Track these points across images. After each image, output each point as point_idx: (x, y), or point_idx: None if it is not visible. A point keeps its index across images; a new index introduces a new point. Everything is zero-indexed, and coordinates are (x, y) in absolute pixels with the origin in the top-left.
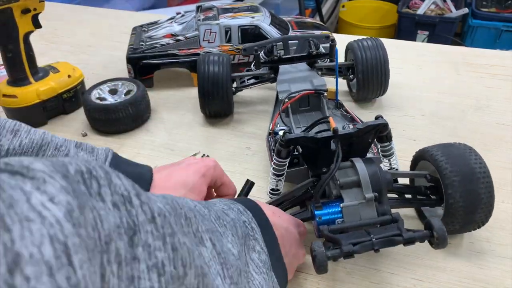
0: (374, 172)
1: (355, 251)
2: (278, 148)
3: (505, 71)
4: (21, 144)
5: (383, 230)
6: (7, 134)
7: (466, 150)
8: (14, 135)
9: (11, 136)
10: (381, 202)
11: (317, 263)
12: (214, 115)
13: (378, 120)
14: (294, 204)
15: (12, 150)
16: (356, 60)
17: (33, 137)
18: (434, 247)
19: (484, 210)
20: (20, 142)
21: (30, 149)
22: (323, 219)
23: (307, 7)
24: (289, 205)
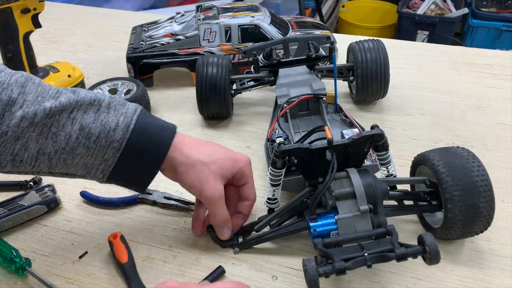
0: (369, 184)
1: (347, 268)
2: (273, 159)
3: (505, 71)
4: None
5: (376, 245)
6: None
7: (469, 159)
8: None
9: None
10: (376, 213)
11: (308, 279)
12: (212, 117)
13: (374, 130)
14: (292, 215)
15: None
16: (356, 62)
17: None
18: (427, 263)
19: (483, 222)
20: None
21: (68, 105)
22: (318, 232)
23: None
24: (287, 216)
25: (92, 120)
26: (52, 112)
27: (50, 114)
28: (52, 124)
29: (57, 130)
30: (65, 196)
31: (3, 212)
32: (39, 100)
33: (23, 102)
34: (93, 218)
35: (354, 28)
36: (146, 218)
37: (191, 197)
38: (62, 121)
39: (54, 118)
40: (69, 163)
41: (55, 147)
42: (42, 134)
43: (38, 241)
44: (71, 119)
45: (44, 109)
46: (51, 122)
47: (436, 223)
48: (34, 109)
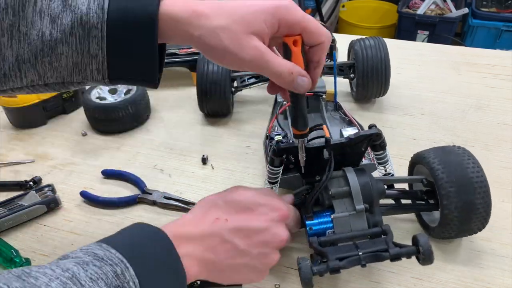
0: (366, 183)
1: (341, 267)
2: (271, 157)
3: (505, 71)
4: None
5: (371, 244)
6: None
7: (464, 157)
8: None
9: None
10: (372, 212)
11: (302, 277)
12: (213, 114)
13: (371, 130)
14: None
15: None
16: (357, 59)
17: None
18: (421, 263)
19: (480, 219)
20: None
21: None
22: (314, 230)
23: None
24: None
25: (60, 9)
26: (10, 5)
27: (10, 9)
28: (19, 23)
29: (26, 29)
30: (65, 196)
31: (3, 212)
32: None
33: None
34: (93, 218)
35: (354, 28)
36: (146, 218)
37: (191, 197)
38: (29, 18)
39: (19, 16)
40: (56, 66)
41: (33, 51)
42: (13, 38)
43: (38, 241)
44: (38, 13)
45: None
46: (17, 21)
47: (433, 222)
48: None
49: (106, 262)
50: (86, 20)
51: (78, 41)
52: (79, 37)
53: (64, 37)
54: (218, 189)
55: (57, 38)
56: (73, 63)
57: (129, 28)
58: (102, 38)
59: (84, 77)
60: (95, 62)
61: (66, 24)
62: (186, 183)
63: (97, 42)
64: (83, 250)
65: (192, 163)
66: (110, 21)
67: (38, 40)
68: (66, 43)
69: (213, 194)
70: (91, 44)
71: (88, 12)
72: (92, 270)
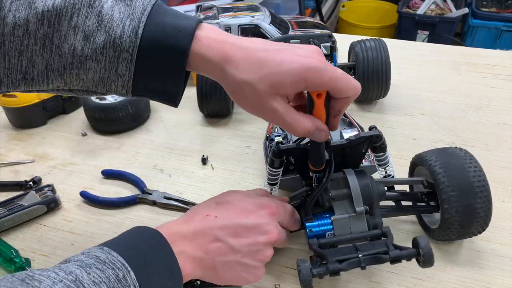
0: (366, 185)
1: (341, 269)
2: (271, 158)
3: (505, 71)
4: (54, 4)
5: (371, 246)
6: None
7: (466, 160)
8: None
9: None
10: (372, 214)
11: (302, 279)
12: (213, 115)
13: (371, 131)
14: None
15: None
16: (357, 61)
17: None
18: (421, 266)
19: (481, 222)
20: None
21: (63, 8)
22: (314, 232)
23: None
24: None
25: (95, 27)
26: (46, 17)
27: (46, 21)
28: (53, 35)
29: (59, 41)
30: (64, 196)
31: (3, 212)
32: (30, 3)
33: (10, 4)
34: (92, 218)
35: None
36: (146, 218)
37: (191, 197)
38: (63, 31)
39: (53, 28)
40: (83, 78)
41: (62, 62)
42: (45, 48)
43: (38, 241)
44: (73, 28)
45: (37, 13)
46: (51, 33)
47: (434, 223)
48: (25, 14)
49: (108, 266)
50: (118, 43)
51: (108, 60)
52: (109, 57)
53: (95, 55)
54: (218, 189)
55: (87, 55)
56: (99, 78)
57: (159, 58)
58: (131, 61)
59: (108, 90)
60: (121, 80)
61: (98, 44)
62: (186, 183)
63: (126, 64)
64: (85, 253)
65: (192, 163)
66: (142, 48)
67: (69, 54)
68: (96, 61)
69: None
70: (120, 65)
71: (122, 35)
72: (94, 273)
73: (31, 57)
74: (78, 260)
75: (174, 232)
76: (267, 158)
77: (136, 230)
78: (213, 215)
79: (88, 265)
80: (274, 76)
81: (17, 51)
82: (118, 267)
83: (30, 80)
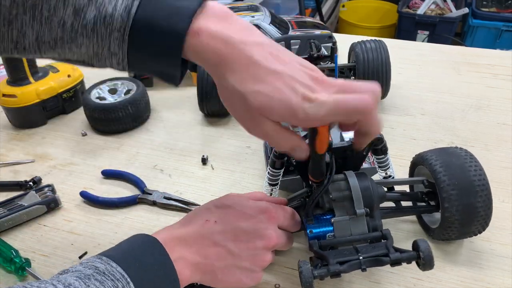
0: (366, 187)
1: (342, 271)
2: (272, 159)
3: (505, 71)
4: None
5: (371, 249)
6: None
7: (466, 159)
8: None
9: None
10: (372, 217)
11: (303, 281)
12: (213, 114)
13: None
14: None
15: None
16: (357, 62)
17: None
18: (421, 269)
19: (481, 222)
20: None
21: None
22: (314, 233)
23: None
24: None
25: (86, 2)
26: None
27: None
28: (42, 6)
29: (49, 14)
30: (64, 196)
31: (3, 212)
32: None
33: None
34: (92, 218)
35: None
36: (146, 218)
37: (191, 197)
38: (52, 2)
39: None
40: (76, 51)
41: (53, 36)
42: (35, 19)
43: (38, 241)
44: (62, 0)
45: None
46: (40, 3)
47: (434, 223)
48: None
49: (107, 277)
50: (109, 21)
51: (100, 38)
52: (100, 35)
53: (85, 31)
54: (218, 189)
55: (78, 31)
56: (94, 53)
57: (153, 40)
58: (123, 41)
59: (103, 65)
60: (115, 58)
61: (88, 20)
62: (186, 183)
63: (118, 43)
64: (83, 264)
65: (192, 163)
66: (135, 28)
67: (59, 28)
68: (87, 37)
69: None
70: (112, 43)
71: (113, 13)
72: (94, 285)
73: (21, 28)
74: (77, 271)
75: (173, 238)
76: (267, 159)
77: (134, 239)
78: (213, 220)
79: (87, 276)
80: (265, 98)
81: (6, 20)
82: (117, 279)
83: (22, 49)
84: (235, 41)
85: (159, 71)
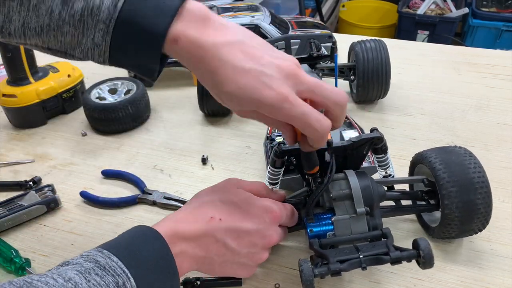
0: (367, 186)
1: (342, 269)
2: (273, 158)
3: (505, 71)
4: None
5: (371, 247)
6: None
7: (465, 157)
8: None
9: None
10: (372, 215)
11: (304, 279)
12: (213, 114)
13: (373, 133)
14: None
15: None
16: (357, 62)
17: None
18: (421, 267)
19: (481, 219)
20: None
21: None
22: (315, 232)
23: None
24: None
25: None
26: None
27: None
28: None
29: (37, 2)
30: (64, 196)
31: (3, 212)
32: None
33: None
34: (92, 218)
35: (354, 28)
36: (146, 218)
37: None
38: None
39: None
40: (61, 40)
41: (39, 22)
42: (23, 5)
43: (38, 241)
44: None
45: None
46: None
47: (434, 222)
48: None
49: (108, 272)
50: (96, 12)
51: (86, 27)
52: (86, 25)
53: (72, 21)
54: None
55: (65, 20)
56: (78, 42)
57: (135, 36)
58: (108, 33)
59: (85, 56)
60: (97, 49)
61: (76, 10)
62: (186, 183)
63: (102, 35)
64: (84, 256)
65: (192, 163)
66: (120, 21)
67: (46, 16)
68: (73, 26)
69: (208, 188)
70: (96, 34)
71: (100, 5)
72: (94, 281)
73: (7, 13)
74: (77, 264)
75: (176, 233)
76: (267, 158)
77: (136, 231)
78: (218, 217)
79: (87, 270)
80: (233, 99)
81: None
82: (118, 274)
83: (7, 34)
84: (207, 44)
85: (137, 66)
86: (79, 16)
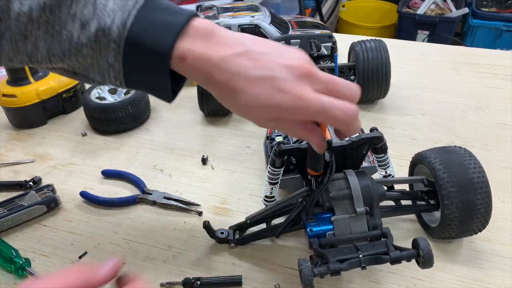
0: (366, 186)
1: (341, 269)
2: (273, 158)
3: (505, 71)
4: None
5: (371, 247)
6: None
7: (465, 157)
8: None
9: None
10: (372, 215)
11: (303, 279)
12: (213, 114)
13: (373, 133)
14: (288, 212)
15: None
16: (357, 61)
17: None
18: (421, 267)
19: (481, 219)
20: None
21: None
22: (314, 231)
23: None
24: (282, 214)
25: (91, 16)
26: (47, 5)
27: (47, 8)
28: (55, 22)
29: (60, 28)
30: (64, 196)
31: (3, 212)
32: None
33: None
34: (92, 218)
35: (354, 28)
36: (146, 218)
37: (191, 197)
38: (62, 18)
39: (54, 15)
40: (82, 63)
41: (61, 48)
42: (47, 33)
43: (38, 241)
44: (71, 16)
45: (39, 2)
46: (53, 20)
47: (434, 222)
48: (29, 3)
49: None
50: (108, 32)
51: (102, 48)
52: (101, 44)
53: (89, 43)
54: (218, 189)
55: (83, 43)
56: (96, 64)
57: (144, 54)
58: (119, 53)
59: (103, 79)
60: (112, 70)
61: (92, 32)
62: (186, 183)
63: (115, 54)
64: None
65: (192, 163)
66: (130, 41)
67: (67, 41)
68: (91, 48)
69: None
70: (110, 54)
71: (111, 25)
72: None
73: (35, 41)
74: None
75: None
76: (267, 158)
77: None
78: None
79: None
80: (250, 110)
81: (22, 35)
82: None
83: (36, 62)
84: (215, 59)
85: (151, 87)
86: (94, 37)
